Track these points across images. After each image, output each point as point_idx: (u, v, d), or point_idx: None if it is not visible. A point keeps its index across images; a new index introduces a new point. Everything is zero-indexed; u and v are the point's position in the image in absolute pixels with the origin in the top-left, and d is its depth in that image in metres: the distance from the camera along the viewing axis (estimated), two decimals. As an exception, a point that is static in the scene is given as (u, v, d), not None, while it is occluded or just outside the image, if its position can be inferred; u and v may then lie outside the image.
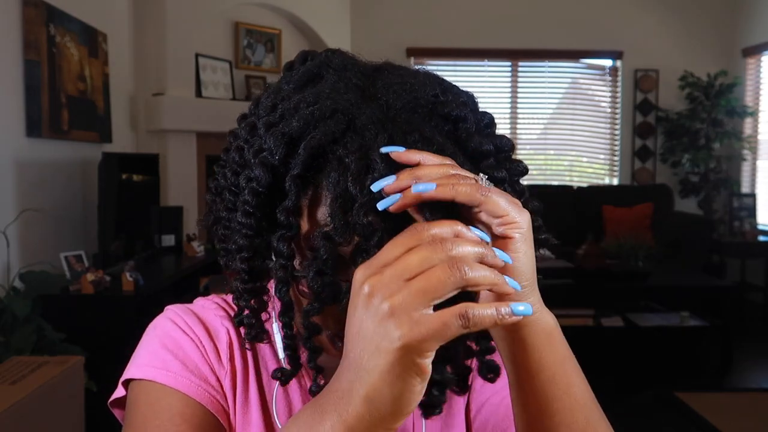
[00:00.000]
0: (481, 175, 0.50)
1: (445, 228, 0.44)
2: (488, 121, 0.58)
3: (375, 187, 0.48)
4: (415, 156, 0.49)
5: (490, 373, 0.60)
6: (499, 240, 0.49)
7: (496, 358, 0.61)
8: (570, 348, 0.54)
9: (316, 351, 0.56)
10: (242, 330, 0.64)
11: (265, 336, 0.63)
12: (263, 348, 0.70)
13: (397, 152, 0.49)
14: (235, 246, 0.58)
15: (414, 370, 0.41)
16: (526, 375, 0.53)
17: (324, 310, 0.53)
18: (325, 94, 0.55)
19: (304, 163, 0.52)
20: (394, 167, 0.49)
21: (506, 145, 0.57)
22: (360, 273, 0.43)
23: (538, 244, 0.59)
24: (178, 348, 0.65)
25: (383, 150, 0.49)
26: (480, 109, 0.58)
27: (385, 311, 0.41)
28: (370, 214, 0.48)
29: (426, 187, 0.46)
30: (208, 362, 0.65)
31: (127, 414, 0.64)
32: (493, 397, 0.71)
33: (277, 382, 0.67)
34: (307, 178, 0.53)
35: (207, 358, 0.65)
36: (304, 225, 0.55)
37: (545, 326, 0.52)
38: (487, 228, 0.49)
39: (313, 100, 0.54)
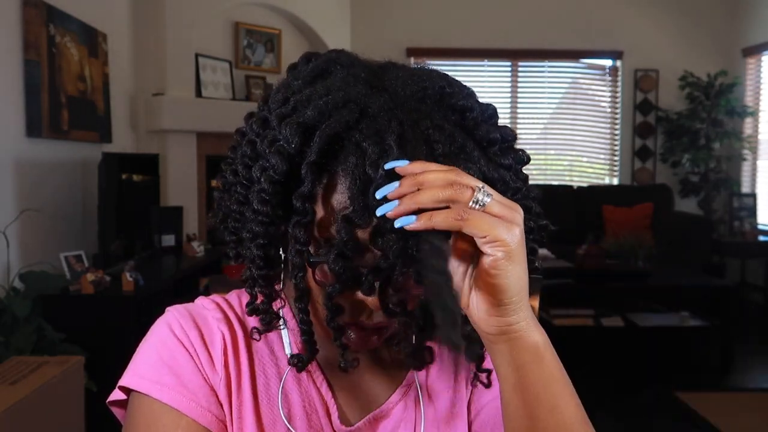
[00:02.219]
0: (480, 186, 0.50)
1: None
2: (492, 111, 0.60)
3: (378, 194, 0.50)
4: (417, 167, 0.50)
5: (485, 380, 0.64)
6: (486, 257, 0.50)
7: (488, 364, 0.63)
8: (563, 369, 0.54)
9: (340, 330, 0.57)
10: (254, 319, 0.66)
11: (277, 323, 0.65)
12: (261, 350, 0.70)
13: (401, 166, 0.50)
14: (250, 234, 0.59)
15: None
16: (511, 391, 0.53)
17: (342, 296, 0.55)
18: (336, 87, 0.56)
19: (320, 150, 0.53)
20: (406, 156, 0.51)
21: (510, 135, 0.59)
22: None
23: (538, 230, 0.61)
24: (173, 360, 0.65)
25: (387, 166, 0.50)
26: (483, 102, 0.60)
27: None
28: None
29: (407, 221, 0.48)
30: (203, 373, 0.66)
31: (126, 428, 0.66)
32: (493, 401, 0.71)
33: (279, 389, 0.67)
34: (323, 166, 0.54)
35: (201, 369, 0.66)
36: (319, 212, 0.56)
37: (531, 343, 0.53)
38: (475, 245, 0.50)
39: (325, 92, 0.56)
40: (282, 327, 0.66)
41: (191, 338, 0.67)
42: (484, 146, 0.57)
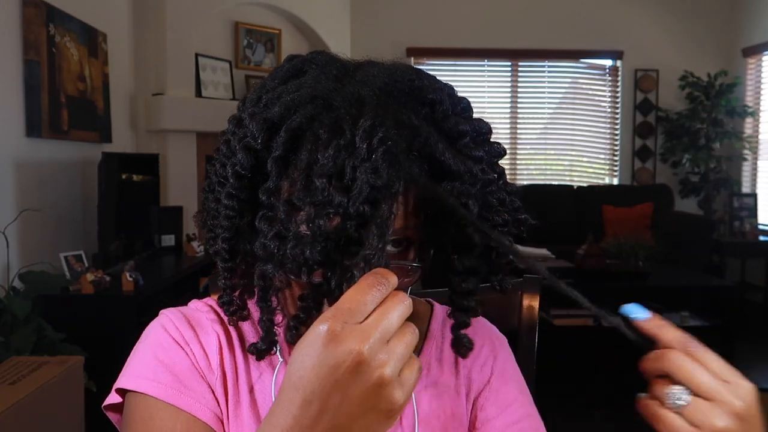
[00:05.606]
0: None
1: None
2: (465, 105, 0.59)
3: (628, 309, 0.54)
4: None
5: (462, 347, 0.64)
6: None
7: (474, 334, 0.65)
8: None
9: (269, 312, 0.60)
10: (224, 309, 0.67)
11: (245, 314, 0.66)
12: None
13: (639, 320, 0.54)
14: (220, 228, 0.60)
15: (393, 418, 0.45)
16: None
17: (283, 291, 0.56)
18: (306, 84, 0.57)
19: (285, 144, 0.54)
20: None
21: (484, 128, 0.59)
22: (333, 327, 0.44)
23: (515, 223, 0.62)
24: (169, 358, 0.66)
25: (628, 313, 0.55)
26: (457, 95, 0.60)
27: (377, 380, 0.43)
28: (323, 177, 0.50)
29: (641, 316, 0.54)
30: (199, 370, 0.66)
31: (123, 428, 0.66)
32: (502, 420, 0.72)
33: (272, 380, 0.68)
34: (288, 160, 0.55)
35: (197, 367, 0.67)
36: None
37: None
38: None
39: (295, 89, 0.57)
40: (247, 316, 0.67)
41: (187, 338, 0.68)
42: (454, 138, 0.56)
